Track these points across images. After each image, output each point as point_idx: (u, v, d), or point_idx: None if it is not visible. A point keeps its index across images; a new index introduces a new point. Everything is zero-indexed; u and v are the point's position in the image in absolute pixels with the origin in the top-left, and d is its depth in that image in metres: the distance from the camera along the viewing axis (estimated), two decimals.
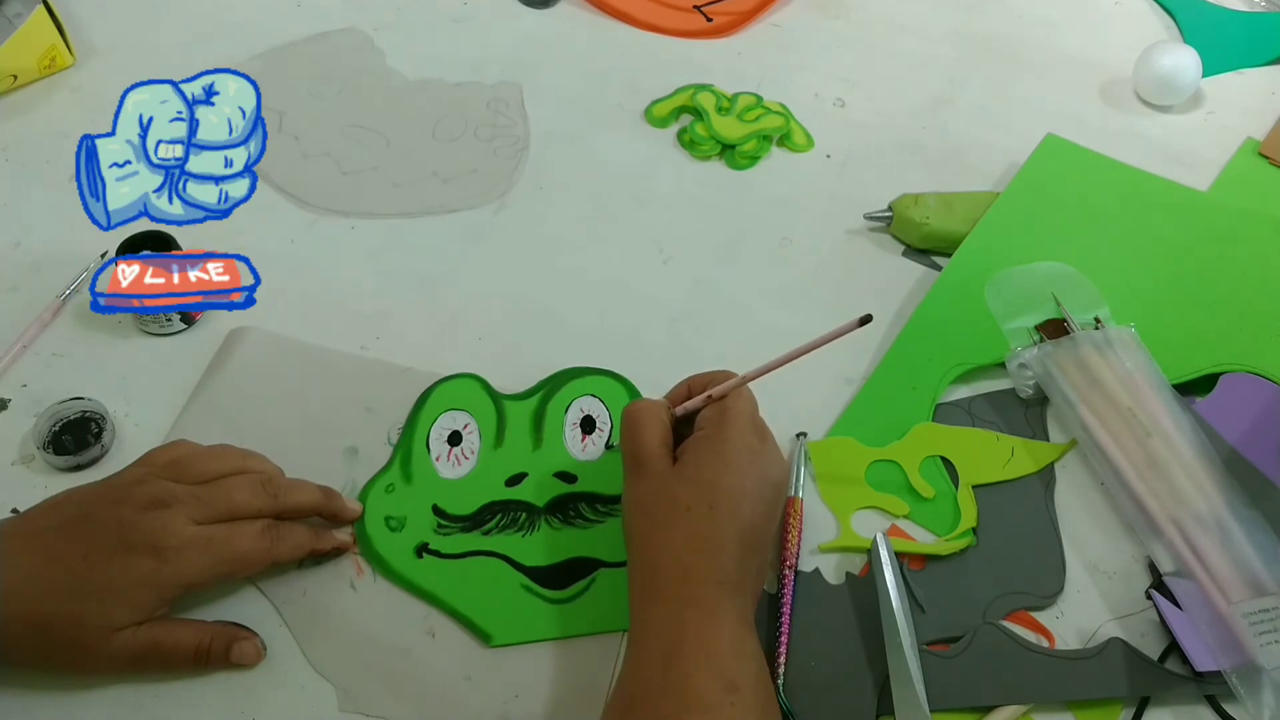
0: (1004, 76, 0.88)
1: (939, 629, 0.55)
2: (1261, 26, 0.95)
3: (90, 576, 0.48)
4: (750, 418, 0.54)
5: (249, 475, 0.54)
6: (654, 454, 0.53)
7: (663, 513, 0.51)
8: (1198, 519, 0.58)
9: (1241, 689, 0.53)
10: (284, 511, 0.54)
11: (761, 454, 0.53)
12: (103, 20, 0.83)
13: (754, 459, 0.53)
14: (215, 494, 0.52)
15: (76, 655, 0.49)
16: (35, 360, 0.63)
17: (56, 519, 0.50)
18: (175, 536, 0.50)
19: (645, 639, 0.49)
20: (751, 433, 0.54)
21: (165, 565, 0.49)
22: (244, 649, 0.51)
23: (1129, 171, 0.79)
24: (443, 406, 0.62)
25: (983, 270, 0.70)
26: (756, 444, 0.53)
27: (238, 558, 0.51)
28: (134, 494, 0.50)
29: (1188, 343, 0.68)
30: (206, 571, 0.51)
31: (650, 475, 0.53)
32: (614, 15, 0.89)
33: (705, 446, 0.53)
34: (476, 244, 0.72)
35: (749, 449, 0.53)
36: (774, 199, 0.77)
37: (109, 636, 0.49)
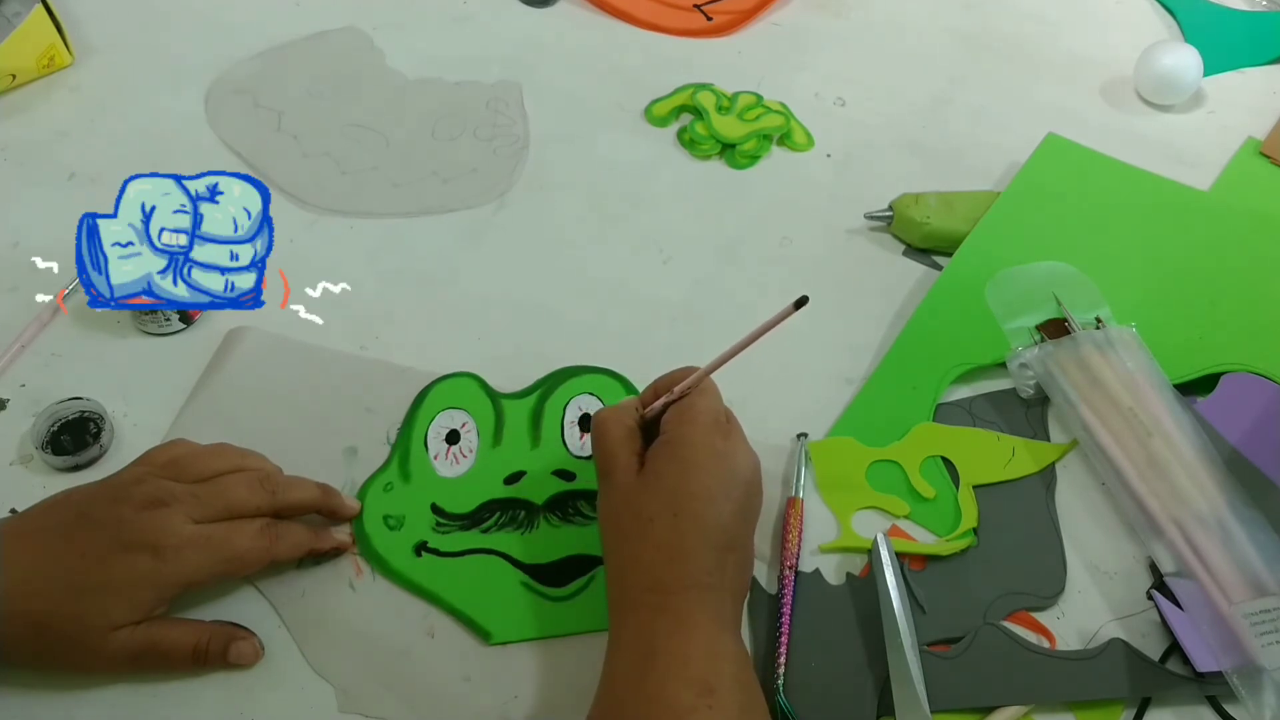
0: (1005, 76, 0.88)
1: (940, 629, 0.55)
2: (1262, 26, 0.95)
3: (89, 575, 0.48)
4: (712, 415, 0.53)
5: (247, 473, 0.54)
6: (619, 464, 0.52)
7: (627, 525, 0.51)
8: (1199, 519, 0.58)
9: (1243, 689, 0.53)
10: (282, 509, 0.54)
11: (726, 452, 0.52)
12: (102, 20, 0.83)
13: (718, 459, 0.52)
14: (213, 492, 0.52)
15: (75, 654, 0.49)
16: (34, 360, 0.63)
17: (55, 518, 0.50)
18: (174, 535, 0.49)
19: (619, 650, 0.49)
20: (713, 431, 0.52)
21: (164, 564, 0.49)
22: (241, 649, 0.51)
23: (1130, 171, 0.78)
24: (441, 405, 0.62)
25: (983, 270, 0.70)
26: (719, 442, 0.52)
27: (237, 557, 0.51)
28: (132, 493, 0.50)
29: (1189, 342, 0.68)
30: (205, 570, 0.51)
31: (615, 487, 0.52)
32: (614, 14, 0.89)
33: (666, 452, 0.52)
34: (476, 244, 0.72)
35: (710, 449, 0.52)
36: (774, 199, 0.76)
37: (107, 635, 0.49)
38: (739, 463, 0.53)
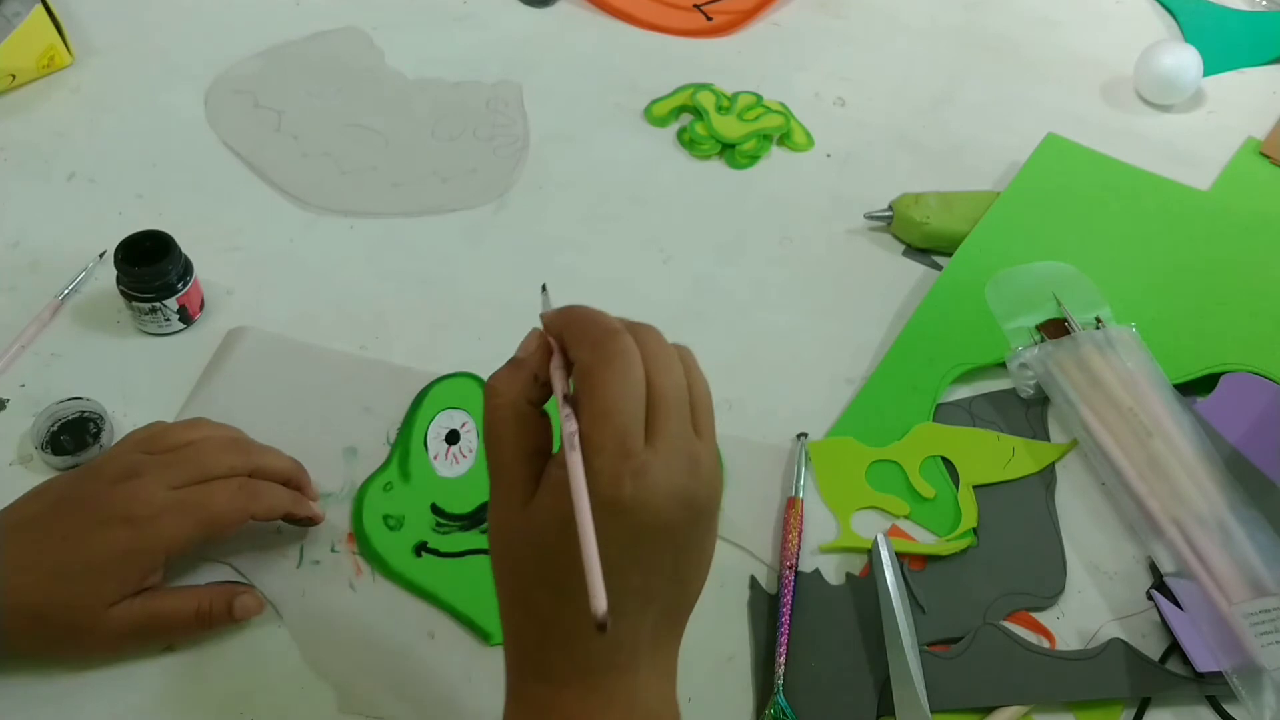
0: (1005, 76, 0.88)
1: (940, 629, 0.55)
2: (1262, 26, 0.95)
3: (71, 557, 0.48)
4: (616, 448, 0.37)
5: (218, 436, 0.54)
6: (501, 472, 0.40)
7: (507, 578, 0.40)
8: (1199, 519, 0.58)
9: (1242, 689, 0.53)
10: (256, 471, 0.54)
11: (636, 506, 0.37)
12: (102, 20, 0.82)
13: (621, 517, 0.37)
14: (185, 457, 0.52)
15: (76, 637, 0.49)
16: (34, 360, 0.62)
17: (35, 507, 0.51)
18: (147, 505, 0.49)
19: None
20: (617, 476, 0.37)
21: (142, 533, 0.49)
22: (246, 602, 0.52)
23: (1130, 171, 0.78)
24: (440, 405, 0.62)
25: (983, 270, 0.70)
26: (627, 493, 0.37)
27: (215, 517, 0.51)
28: (105, 469, 0.51)
29: (1189, 342, 0.68)
30: (185, 534, 0.50)
31: (496, 509, 0.40)
32: (614, 14, 0.89)
33: (551, 500, 0.38)
34: (476, 244, 0.72)
35: (610, 508, 0.36)
36: (774, 198, 0.76)
37: (103, 614, 0.49)
38: (653, 513, 0.37)
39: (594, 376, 0.38)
